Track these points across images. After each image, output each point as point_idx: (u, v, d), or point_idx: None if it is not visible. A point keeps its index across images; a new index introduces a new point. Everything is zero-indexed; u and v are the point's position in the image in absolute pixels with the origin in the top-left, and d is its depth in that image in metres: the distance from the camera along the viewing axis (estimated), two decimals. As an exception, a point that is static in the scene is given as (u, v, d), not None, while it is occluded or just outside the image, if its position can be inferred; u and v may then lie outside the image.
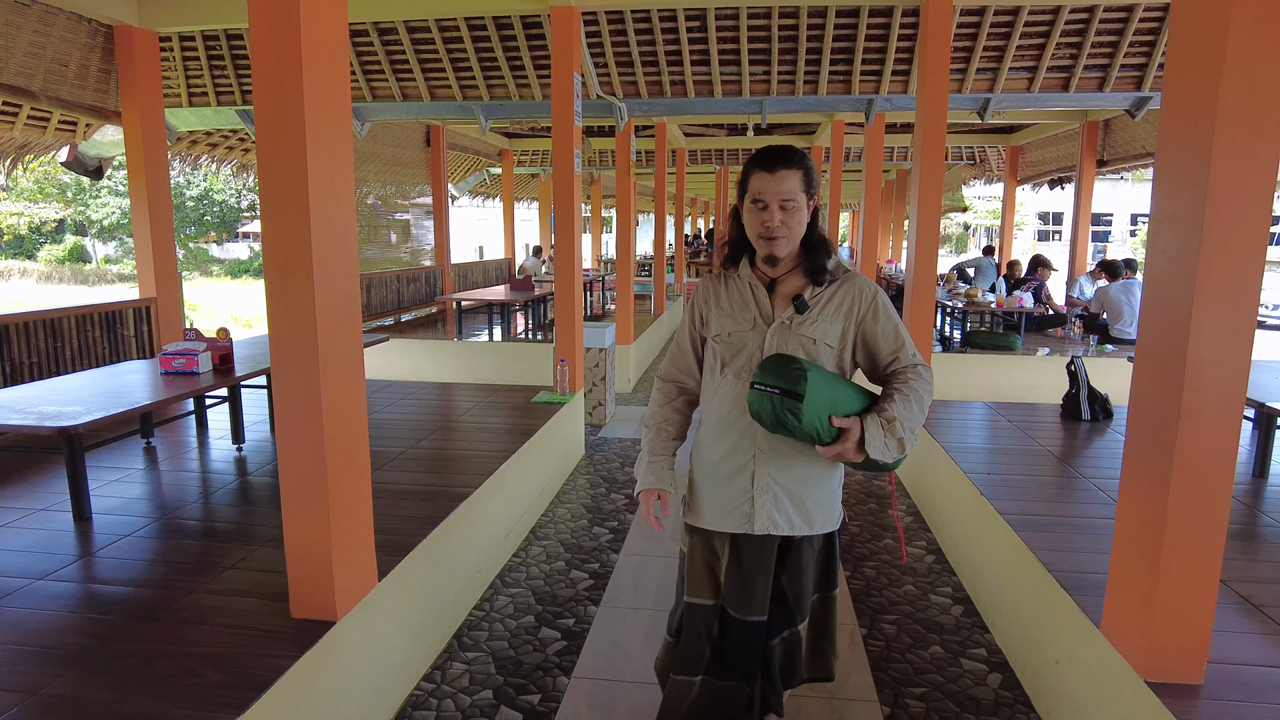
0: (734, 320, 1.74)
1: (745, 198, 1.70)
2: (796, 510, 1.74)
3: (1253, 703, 1.85)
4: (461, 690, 2.59)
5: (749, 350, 1.72)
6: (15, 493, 3.23)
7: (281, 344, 2.00)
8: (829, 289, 1.72)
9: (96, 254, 35.13)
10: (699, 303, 1.82)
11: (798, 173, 1.64)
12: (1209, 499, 1.80)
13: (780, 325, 1.70)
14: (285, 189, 1.96)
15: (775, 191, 1.63)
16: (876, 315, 1.73)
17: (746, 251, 1.78)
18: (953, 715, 2.47)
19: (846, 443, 1.59)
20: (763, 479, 1.72)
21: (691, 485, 1.86)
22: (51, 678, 1.89)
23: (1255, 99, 1.63)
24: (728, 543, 1.78)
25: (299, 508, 2.08)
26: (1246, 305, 1.71)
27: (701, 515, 1.80)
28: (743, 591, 1.76)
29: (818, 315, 1.70)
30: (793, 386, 1.54)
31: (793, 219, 1.65)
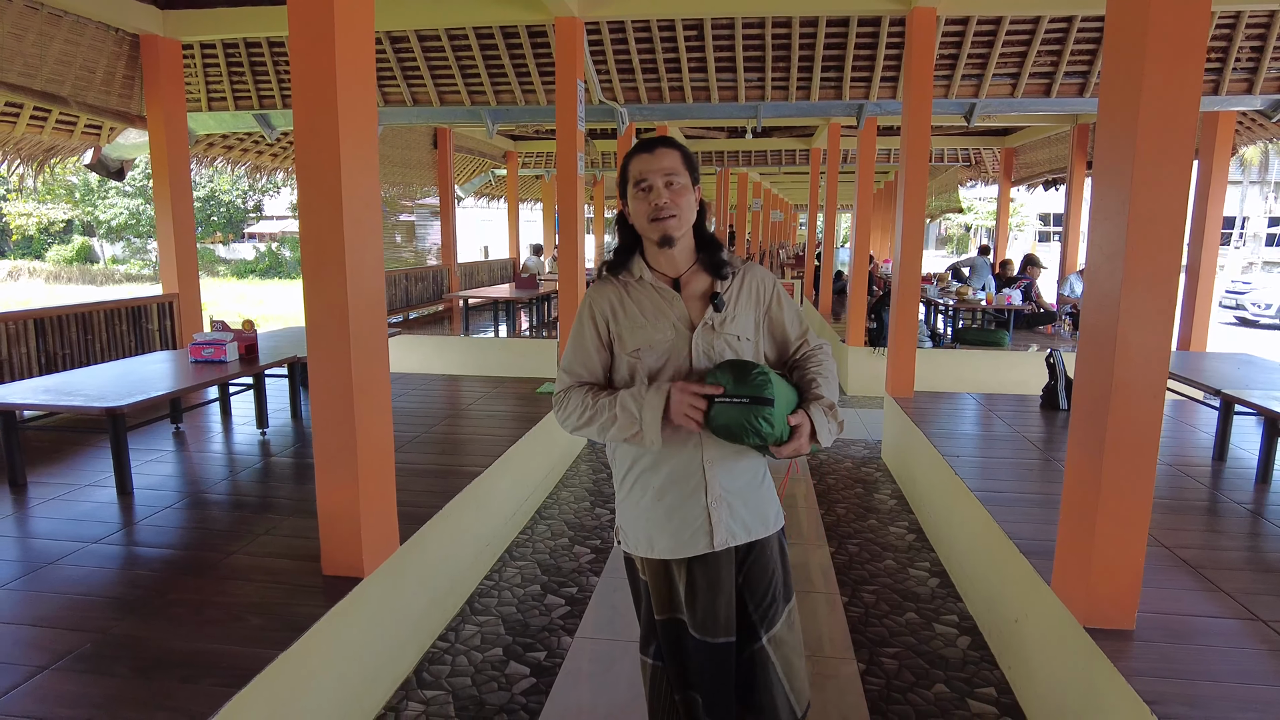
0: (652, 329, 1.60)
1: (628, 188, 1.61)
2: (750, 514, 1.64)
3: (1178, 644, 2.09)
4: (474, 648, 2.84)
5: (675, 360, 1.59)
6: (61, 470, 3.48)
7: (317, 328, 2.26)
8: (734, 282, 1.64)
9: (104, 254, 35.49)
10: (600, 313, 1.64)
11: (676, 152, 1.58)
12: (1137, 464, 2.04)
13: (704, 327, 1.60)
14: (321, 191, 2.21)
15: (658, 169, 1.56)
16: (780, 303, 1.70)
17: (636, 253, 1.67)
18: (923, 671, 2.71)
19: (800, 438, 1.53)
20: (715, 491, 1.60)
21: (632, 518, 1.67)
22: (116, 621, 2.15)
23: (1166, 119, 1.88)
24: (683, 566, 1.63)
25: (331, 474, 2.33)
26: (1166, 292, 1.96)
27: (657, 545, 1.63)
28: (707, 613, 1.61)
29: (734, 310, 1.62)
30: (760, 392, 1.47)
31: (681, 198, 1.57)
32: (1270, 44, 5.17)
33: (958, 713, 2.48)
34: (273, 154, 8.60)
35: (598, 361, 1.66)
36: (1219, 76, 5.35)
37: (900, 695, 2.58)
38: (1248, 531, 2.94)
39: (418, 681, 2.63)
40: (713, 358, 1.59)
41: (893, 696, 2.57)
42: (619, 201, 1.68)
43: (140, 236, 33.96)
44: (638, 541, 1.67)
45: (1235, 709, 1.80)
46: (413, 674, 2.67)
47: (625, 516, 1.70)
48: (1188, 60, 1.85)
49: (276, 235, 39.62)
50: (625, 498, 1.69)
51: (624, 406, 1.55)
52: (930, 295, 8.65)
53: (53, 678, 1.87)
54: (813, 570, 3.49)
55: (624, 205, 1.65)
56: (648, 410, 1.52)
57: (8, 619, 2.16)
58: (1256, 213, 35.01)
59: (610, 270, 1.68)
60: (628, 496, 1.68)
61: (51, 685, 1.85)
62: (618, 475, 1.72)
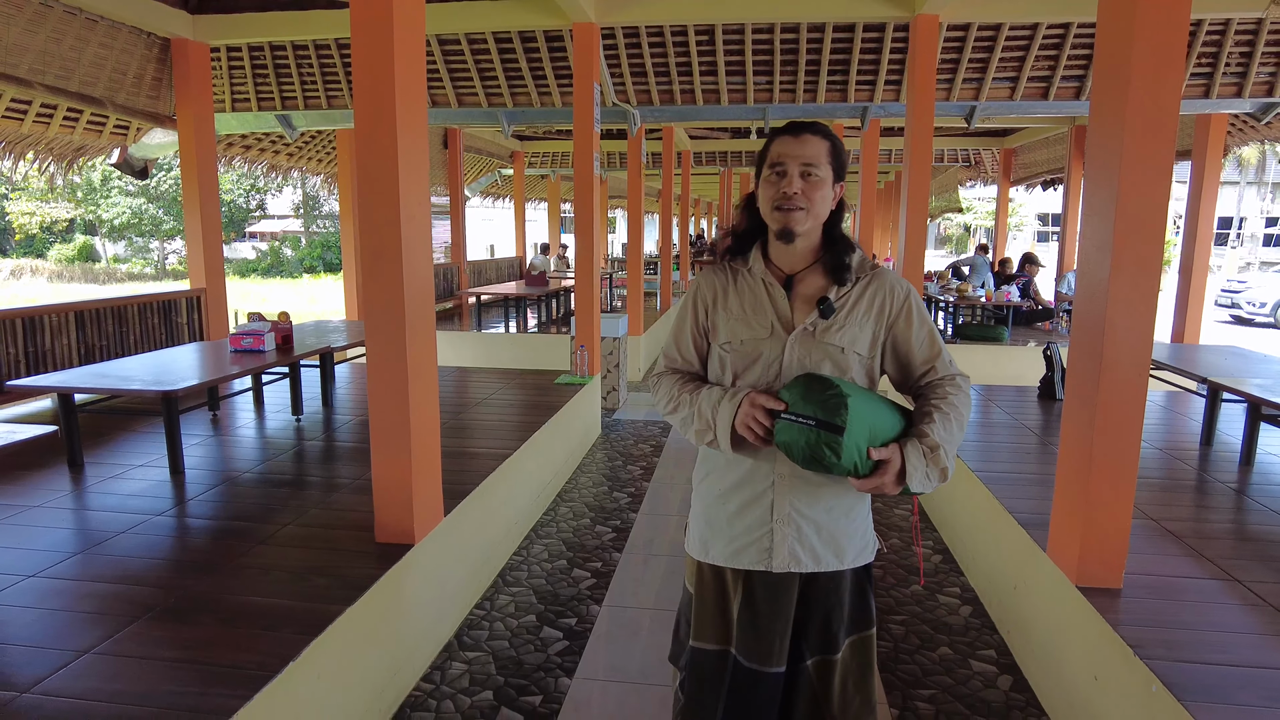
0: (747, 325, 1.48)
1: (763, 168, 1.47)
2: (824, 543, 1.49)
3: (1161, 600, 2.30)
4: (509, 615, 3.04)
5: (766, 360, 1.46)
6: (114, 452, 3.68)
7: (375, 315, 2.47)
8: (855, 288, 1.48)
9: (106, 253, 35.64)
10: (703, 299, 1.55)
11: (825, 143, 1.43)
12: (1124, 435, 2.25)
13: (803, 332, 1.45)
14: (380, 190, 2.42)
15: (798, 155, 1.41)
16: (910, 318, 1.51)
17: (757, 242, 1.55)
18: (928, 636, 2.92)
19: (885, 475, 1.34)
20: (783, 509, 1.46)
21: (696, 515, 1.61)
22: (193, 581, 2.35)
23: (1150, 123, 2.09)
24: (741, 580, 1.52)
25: (387, 448, 2.54)
26: (1150, 280, 2.17)
27: (712, 550, 1.54)
28: (758, 639, 1.50)
29: (845, 319, 1.46)
30: (831, 417, 1.29)
31: (815, 191, 1.42)
32: (1259, 49, 5.38)
33: (960, 671, 2.69)
34: (289, 154, 8.81)
35: (694, 350, 1.57)
36: (1209, 80, 5.56)
37: (908, 656, 2.79)
38: (1230, 507, 3.16)
39: (459, 644, 2.83)
40: (808, 367, 1.44)
41: (900, 657, 2.77)
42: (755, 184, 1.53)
43: (142, 235, 34.10)
44: (694, 542, 1.59)
45: (1208, 651, 2.01)
46: (454, 638, 2.87)
47: (694, 513, 1.62)
48: (1169, 70, 2.06)
49: (278, 235, 39.77)
50: (697, 491, 1.62)
51: (701, 411, 1.46)
52: (931, 293, 8.87)
53: (147, 625, 2.08)
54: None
55: (756, 186, 1.52)
56: (721, 419, 1.43)
57: (95, 578, 2.37)
58: (1254, 213, 35.27)
59: (728, 254, 1.57)
60: (698, 491, 1.61)
61: (148, 632, 2.05)
62: (698, 470, 1.63)
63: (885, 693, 2.55)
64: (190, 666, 1.89)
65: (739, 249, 1.56)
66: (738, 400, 1.41)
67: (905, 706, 2.49)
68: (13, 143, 5.68)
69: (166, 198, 31.92)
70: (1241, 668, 1.94)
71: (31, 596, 2.25)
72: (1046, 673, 2.49)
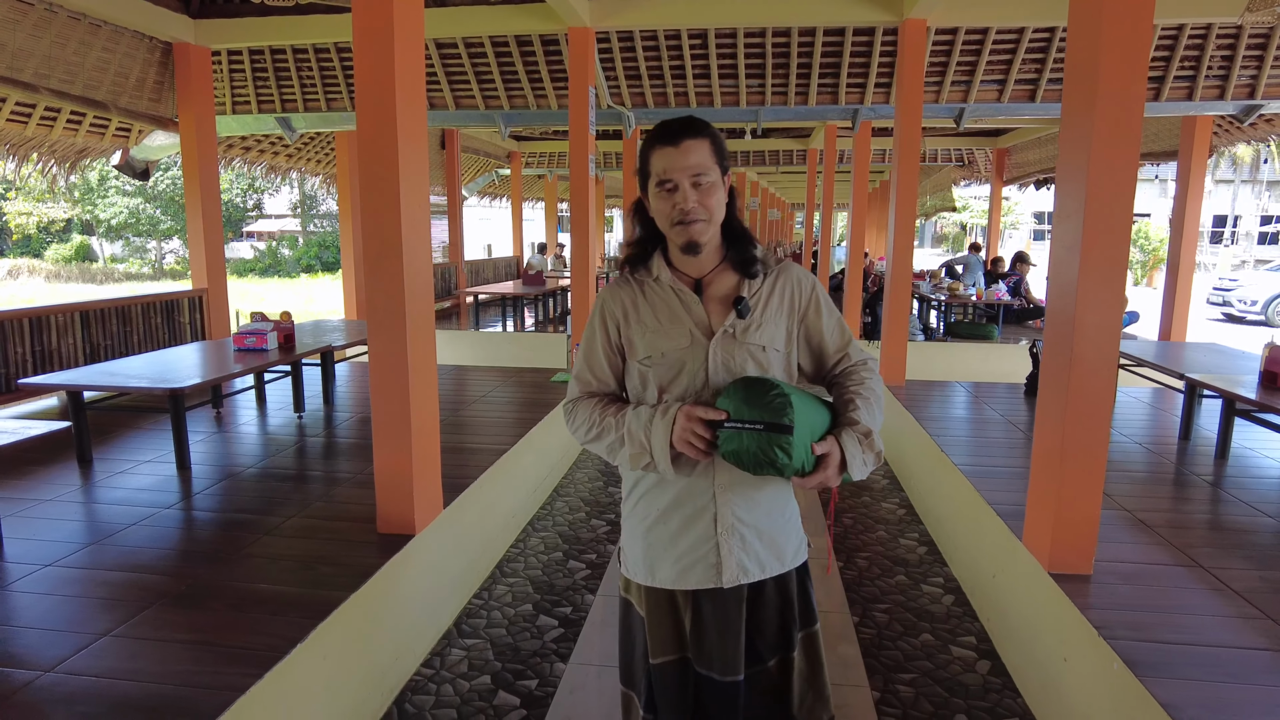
0: (665, 336, 1.43)
1: (649, 182, 1.41)
2: (766, 548, 1.47)
3: (1128, 585, 2.41)
4: (506, 604, 3.15)
5: (690, 369, 1.42)
6: (121, 448, 3.78)
7: (378, 312, 2.57)
8: (765, 284, 1.46)
9: (103, 253, 35.66)
10: (612, 316, 1.48)
11: (706, 142, 1.38)
12: (1093, 427, 2.36)
13: (724, 335, 1.42)
14: (381, 192, 2.52)
15: (684, 167, 1.36)
16: (819, 309, 1.50)
17: (657, 248, 1.49)
18: (910, 623, 3.03)
19: (828, 469, 1.33)
20: (726, 520, 1.43)
21: (634, 539, 1.52)
22: (203, 570, 2.45)
23: (1116, 131, 2.20)
24: (689, 598, 1.49)
25: (388, 442, 2.64)
26: (1116, 279, 2.28)
27: (659, 573, 1.48)
28: (714, 654, 1.48)
29: (761, 317, 1.44)
30: (778, 418, 1.27)
31: (710, 198, 1.38)
32: (1239, 53, 5.50)
33: (940, 656, 2.80)
34: (288, 155, 8.90)
35: (608, 369, 1.51)
36: (1193, 83, 5.68)
37: (890, 642, 2.89)
38: (1201, 498, 3.27)
39: (458, 632, 2.93)
40: (733, 370, 1.41)
41: (883, 643, 2.88)
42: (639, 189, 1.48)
43: (140, 235, 34.12)
44: (637, 567, 1.52)
45: (1169, 632, 2.12)
46: (453, 626, 2.97)
47: (628, 537, 1.54)
48: (1133, 81, 2.17)
49: (275, 234, 39.80)
50: (629, 516, 1.53)
51: (631, 433, 1.40)
52: (923, 291, 8.99)
53: (160, 610, 2.18)
54: (811, 541, 3.81)
55: (644, 197, 1.46)
56: (656, 439, 1.37)
57: (109, 567, 2.47)
58: (1249, 211, 35.45)
59: (629, 267, 1.51)
60: (631, 514, 1.53)
61: (161, 616, 2.15)
62: (625, 489, 1.56)
63: (867, 676, 2.66)
64: (203, 648, 1.99)
65: (640, 259, 1.50)
66: (670, 415, 1.36)
67: (886, 689, 2.60)
68: (17, 145, 5.77)
69: (164, 198, 31.96)
70: (1200, 646, 2.05)
71: (48, 584, 2.35)
72: (1022, 656, 2.60)
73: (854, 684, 2.61)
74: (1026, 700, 2.49)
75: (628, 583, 1.57)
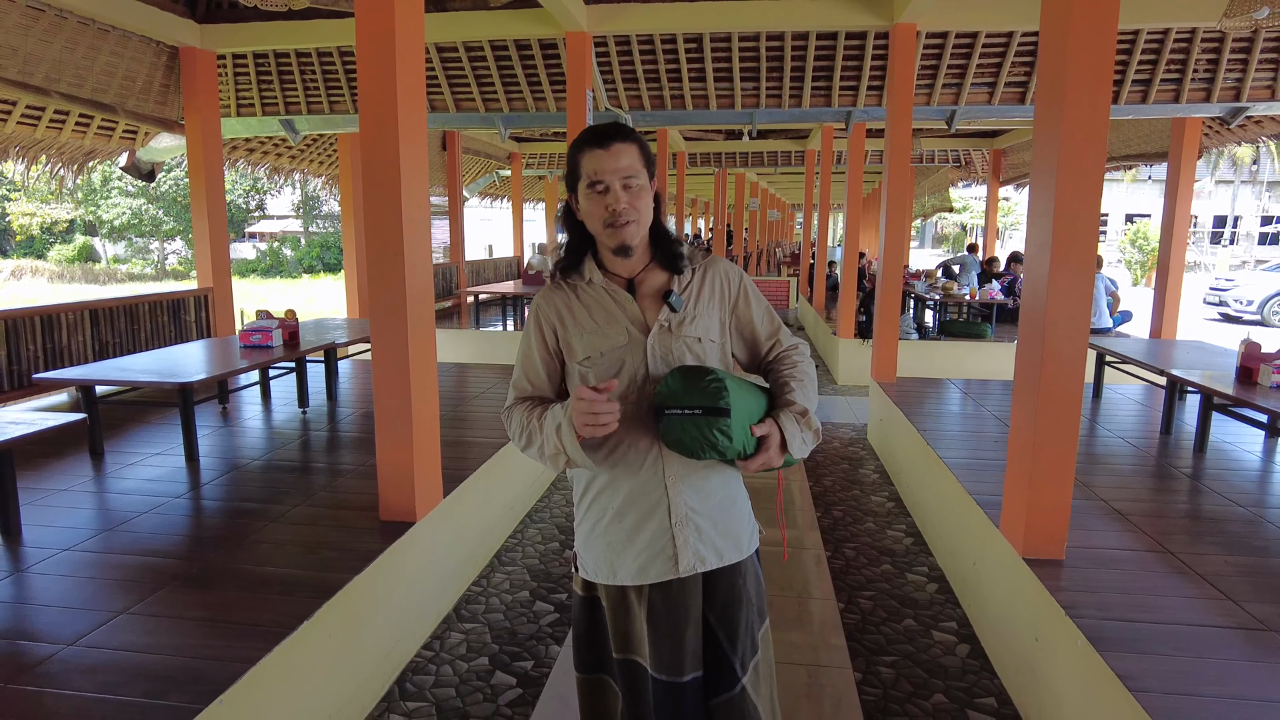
0: (603, 336, 1.46)
1: (579, 185, 1.44)
2: (721, 536, 1.49)
3: (1098, 569, 2.52)
4: (504, 591, 3.26)
5: (630, 366, 1.45)
6: (131, 441, 3.90)
7: (380, 309, 2.68)
8: (695, 278, 1.51)
9: (106, 253, 35.82)
10: (548, 321, 1.51)
11: (634, 146, 1.43)
12: (1064, 418, 2.46)
13: (660, 329, 1.45)
14: (383, 194, 2.63)
15: (614, 169, 1.40)
16: (748, 299, 1.56)
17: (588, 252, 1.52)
18: (895, 609, 3.14)
19: (769, 450, 1.39)
20: (679, 511, 1.45)
21: (591, 540, 1.52)
22: (213, 554, 2.57)
23: (1083, 137, 2.31)
24: (644, 594, 1.49)
25: (390, 432, 2.76)
26: (1085, 277, 2.38)
27: (620, 571, 1.48)
28: (671, 650, 1.47)
29: (695, 309, 1.49)
30: (714, 402, 1.32)
31: (640, 200, 1.43)
32: (1224, 57, 5.60)
33: (922, 640, 2.90)
34: (291, 156, 9.02)
35: (545, 374, 1.53)
36: (1179, 86, 5.78)
37: (874, 628, 3.00)
38: (1177, 489, 3.38)
39: (457, 617, 3.05)
40: (671, 363, 1.45)
41: (867, 628, 2.99)
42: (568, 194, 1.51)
43: (142, 236, 34.27)
44: (597, 568, 1.52)
45: (1134, 611, 2.23)
46: (452, 611, 3.09)
47: (584, 540, 1.55)
48: (1098, 90, 2.28)
49: (278, 235, 39.95)
50: (583, 519, 1.55)
51: (546, 434, 1.42)
52: (918, 291, 9.09)
53: (173, 592, 2.30)
54: (802, 530, 3.92)
55: (573, 200, 1.49)
56: (564, 432, 1.38)
57: (123, 552, 2.58)
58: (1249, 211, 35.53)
59: (561, 273, 1.54)
60: (585, 518, 1.54)
61: (174, 596, 2.27)
62: (576, 495, 1.58)
63: (850, 658, 2.77)
64: (215, 624, 2.11)
65: (571, 264, 1.53)
66: (568, 409, 1.37)
67: (868, 670, 2.70)
68: (27, 147, 5.89)
69: (166, 198, 32.11)
70: (1161, 624, 2.16)
71: (66, 567, 2.46)
72: (998, 638, 2.71)
73: (838, 665, 2.72)
74: (1003, 680, 2.60)
75: (586, 584, 1.57)
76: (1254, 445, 4.04)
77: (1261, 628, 2.15)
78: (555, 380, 1.55)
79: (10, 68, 4.86)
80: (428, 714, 2.44)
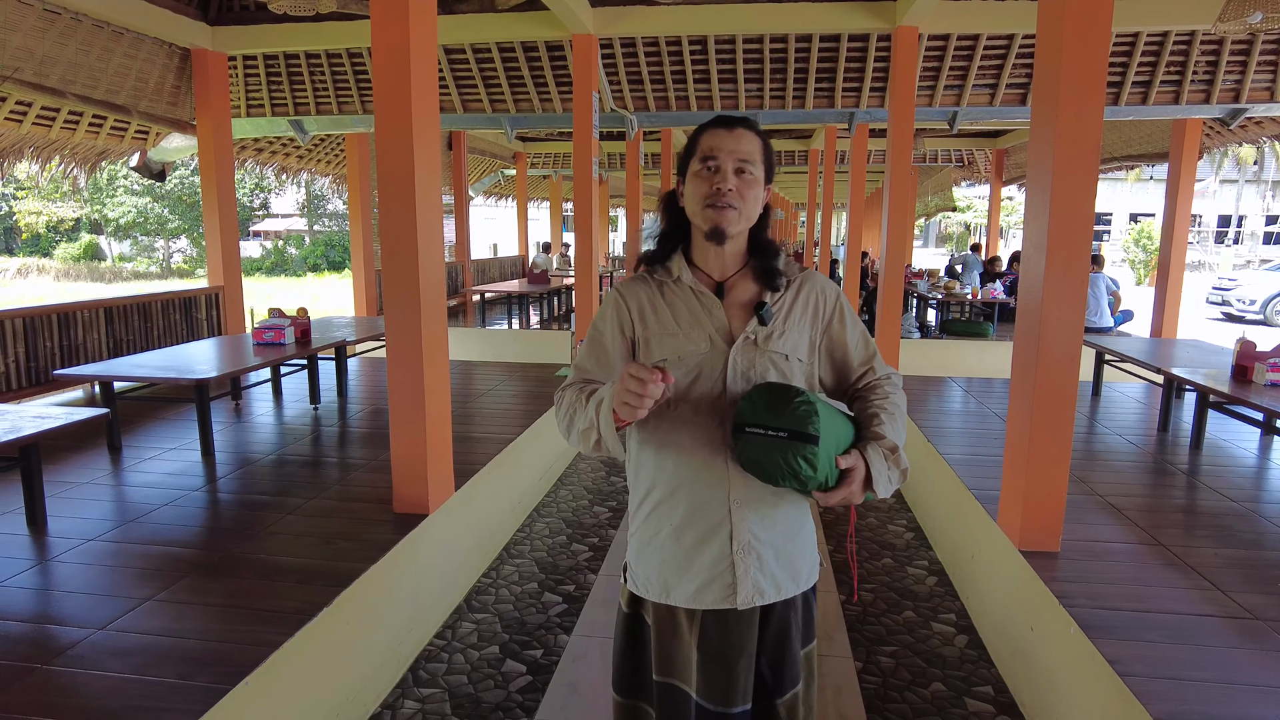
0: (683, 339, 1.37)
1: (691, 161, 1.37)
2: (782, 568, 1.40)
3: (1092, 561, 2.59)
4: (513, 583, 3.34)
5: (706, 377, 1.36)
6: (147, 436, 3.98)
7: (394, 306, 2.76)
8: (789, 292, 1.42)
9: (111, 252, 35.98)
10: (629, 313, 1.42)
11: (759, 140, 1.36)
12: (1059, 414, 2.54)
13: (745, 341, 1.36)
14: (398, 194, 2.71)
15: (732, 150, 1.33)
16: (844, 320, 1.45)
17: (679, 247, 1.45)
18: (895, 601, 3.21)
19: (852, 484, 1.27)
20: (742, 537, 1.36)
21: (645, 554, 1.44)
22: (233, 544, 2.65)
23: (1077, 139, 2.37)
24: (697, 619, 1.41)
25: (404, 426, 2.84)
26: (1079, 276, 2.45)
27: (674, 592, 1.40)
28: (723, 680, 1.40)
29: (784, 325, 1.39)
30: (803, 427, 1.22)
31: (749, 190, 1.35)
32: (1223, 59, 5.66)
33: (921, 631, 2.98)
34: (298, 156, 9.10)
35: (616, 363, 1.43)
36: (1178, 88, 5.84)
37: (874, 619, 3.07)
38: (1172, 485, 3.45)
39: (468, 607, 3.12)
40: (752, 379, 1.35)
41: (868, 620, 3.06)
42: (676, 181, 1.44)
43: (147, 234, 34.40)
44: (649, 583, 1.43)
45: (1125, 600, 2.30)
46: (463, 601, 3.17)
47: (637, 553, 1.46)
48: (1091, 95, 2.35)
49: (282, 233, 40.06)
50: (639, 529, 1.46)
51: (588, 409, 1.33)
52: (921, 290, 9.15)
53: (196, 581, 2.38)
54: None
55: (679, 184, 1.41)
56: (603, 408, 1.29)
57: (145, 542, 2.66)
58: (1254, 211, 35.47)
59: (648, 264, 1.46)
60: (641, 528, 1.45)
61: (197, 585, 2.35)
62: (632, 502, 1.48)
63: (850, 648, 2.84)
64: (239, 611, 2.19)
65: (662, 256, 1.45)
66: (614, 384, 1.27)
67: (869, 660, 2.78)
68: (41, 148, 5.98)
69: (171, 197, 32.23)
70: (1150, 613, 2.23)
71: (91, 556, 2.55)
72: (995, 628, 2.78)
73: (839, 655, 2.79)
74: (999, 669, 2.67)
75: (633, 598, 1.48)
76: (1249, 442, 4.10)
77: (1249, 616, 2.22)
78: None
79: (27, 70, 4.95)
80: (441, 700, 2.52)
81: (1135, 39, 5.68)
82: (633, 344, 1.42)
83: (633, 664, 1.50)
